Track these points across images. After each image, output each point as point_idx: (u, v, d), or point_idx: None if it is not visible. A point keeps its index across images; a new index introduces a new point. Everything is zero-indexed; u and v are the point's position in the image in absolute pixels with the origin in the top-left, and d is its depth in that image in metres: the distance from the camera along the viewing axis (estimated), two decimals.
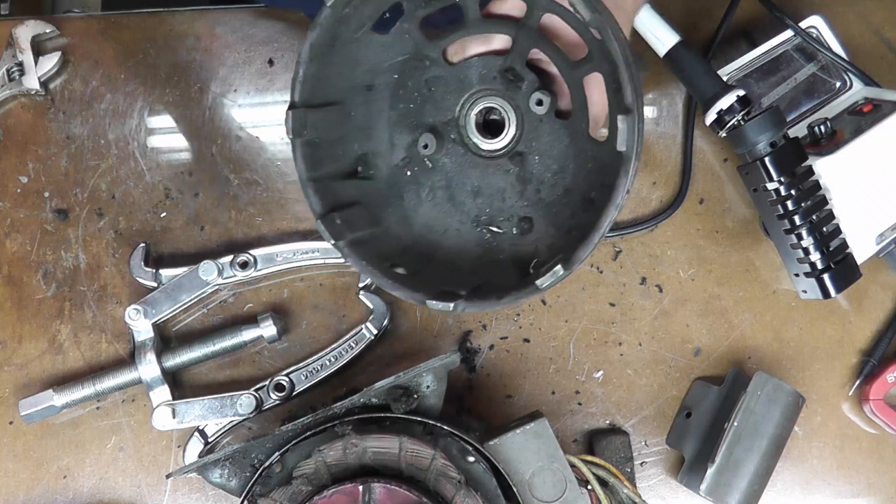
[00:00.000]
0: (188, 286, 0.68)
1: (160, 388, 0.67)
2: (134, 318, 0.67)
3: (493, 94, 0.63)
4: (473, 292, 0.58)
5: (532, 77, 0.61)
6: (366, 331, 0.68)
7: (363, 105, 0.64)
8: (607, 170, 0.58)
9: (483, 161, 0.65)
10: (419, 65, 0.64)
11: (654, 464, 0.69)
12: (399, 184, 0.66)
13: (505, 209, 0.65)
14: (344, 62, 0.62)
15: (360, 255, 0.60)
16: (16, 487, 0.68)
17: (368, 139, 0.65)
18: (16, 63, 0.74)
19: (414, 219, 0.66)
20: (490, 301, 0.57)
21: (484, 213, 0.65)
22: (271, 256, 0.69)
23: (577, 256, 0.54)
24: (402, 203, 0.66)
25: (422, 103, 0.65)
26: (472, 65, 0.63)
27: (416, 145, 0.64)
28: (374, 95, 0.65)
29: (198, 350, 0.68)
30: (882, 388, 0.68)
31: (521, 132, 0.63)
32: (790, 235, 0.63)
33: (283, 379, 0.67)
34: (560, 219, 0.63)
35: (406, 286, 0.58)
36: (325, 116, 0.61)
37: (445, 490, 0.54)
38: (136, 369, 0.67)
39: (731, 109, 0.63)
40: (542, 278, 0.54)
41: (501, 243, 0.65)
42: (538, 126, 0.63)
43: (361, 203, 0.63)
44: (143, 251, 0.69)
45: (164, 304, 0.68)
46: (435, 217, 0.66)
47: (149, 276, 0.69)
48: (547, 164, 0.63)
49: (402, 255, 0.63)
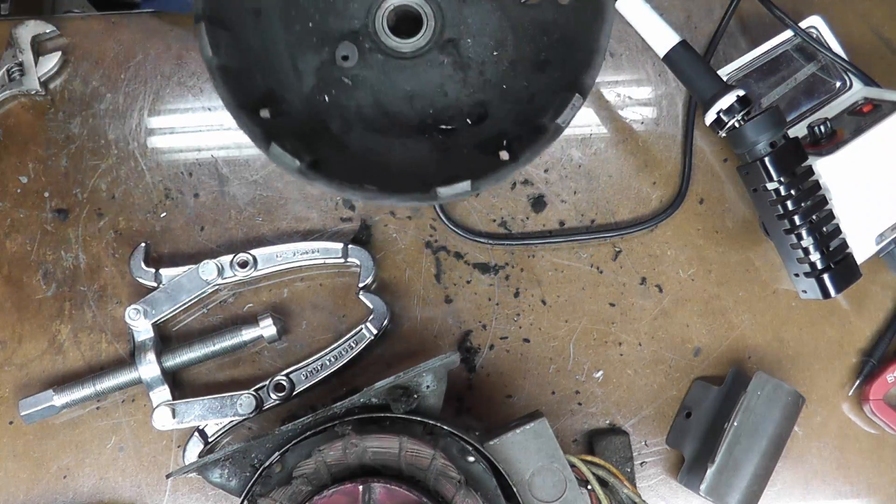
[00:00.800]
0: (188, 286, 0.68)
1: (160, 388, 0.67)
2: (134, 318, 0.67)
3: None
4: (472, 176, 0.51)
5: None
6: (366, 331, 0.68)
7: (255, 32, 0.57)
8: (552, 27, 0.56)
9: (409, 62, 0.59)
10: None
11: (654, 464, 0.70)
12: (319, 113, 0.59)
13: (450, 104, 0.60)
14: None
15: (326, 176, 0.52)
16: (16, 487, 0.68)
17: (269, 71, 0.58)
18: (16, 63, 0.74)
19: (349, 146, 0.59)
20: (506, 167, 0.50)
21: (427, 115, 0.60)
22: (271, 256, 0.69)
23: (586, 84, 0.50)
24: (329, 133, 0.59)
25: (322, 18, 0.59)
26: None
27: (326, 67, 0.58)
28: (264, 21, 0.58)
29: (198, 350, 0.68)
30: (882, 388, 0.68)
31: (442, 21, 0.58)
32: (790, 235, 0.63)
33: (283, 379, 0.67)
34: (515, 91, 0.59)
35: (394, 192, 0.52)
36: (227, 45, 0.54)
37: (445, 490, 0.54)
38: (136, 369, 0.67)
39: (731, 109, 0.63)
40: (561, 116, 0.50)
41: (459, 139, 0.60)
42: (462, 8, 0.58)
43: (292, 137, 0.56)
44: (144, 251, 0.69)
45: (164, 304, 0.68)
46: (372, 137, 0.59)
47: (149, 276, 0.69)
48: (483, 42, 0.59)
49: (360, 177, 0.55)
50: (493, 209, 0.73)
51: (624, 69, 0.76)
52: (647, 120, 0.75)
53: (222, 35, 0.53)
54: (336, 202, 0.72)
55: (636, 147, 0.75)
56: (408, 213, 0.72)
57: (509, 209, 0.73)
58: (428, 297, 0.71)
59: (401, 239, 0.72)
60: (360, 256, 0.69)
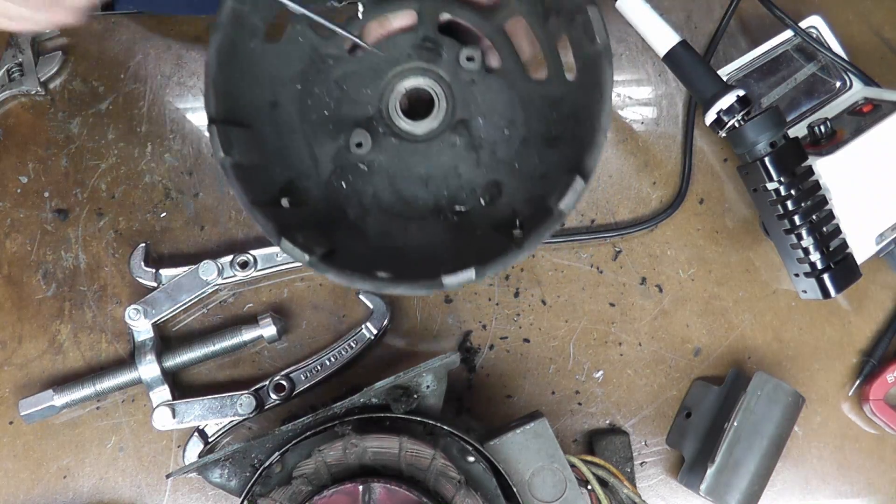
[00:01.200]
0: (188, 286, 0.68)
1: (160, 388, 0.67)
2: (134, 318, 0.67)
3: (412, 74, 0.59)
4: (482, 260, 0.51)
5: (449, 41, 0.58)
6: (366, 331, 0.68)
7: (272, 126, 0.58)
8: (561, 103, 0.56)
9: (423, 144, 0.59)
10: (322, 67, 0.59)
11: (654, 464, 0.70)
12: (337, 200, 0.59)
13: (464, 185, 0.59)
14: (244, 78, 0.56)
15: (338, 267, 0.53)
16: (16, 487, 0.68)
17: (287, 163, 0.59)
18: (16, 63, 0.74)
19: (366, 232, 0.59)
20: (511, 254, 0.50)
21: (442, 197, 0.60)
22: (271, 256, 0.69)
23: (588, 167, 0.50)
24: (346, 220, 0.59)
25: (336, 106, 0.60)
26: (382, 49, 0.58)
27: (342, 153, 0.59)
28: (281, 113, 0.59)
29: (198, 350, 0.68)
30: (882, 388, 0.68)
31: (453, 102, 0.59)
32: (790, 235, 0.63)
33: (283, 379, 0.67)
34: (528, 170, 0.58)
35: (403, 282, 0.52)
36: (243, 139, 0.55)
37: (445, 490, 0.54)
38: (136, 369, 0.67)
39: (731, 109, 0.63)
40: (564, 200, 0.49)
41: (473, 219, 0.59)
42: (472, 88, 0.59)
43: (308, 227, 0.57)
44: (144, 251, 0.69)
45: (164, 304, 0.68)
46: (388, 222, 0.59)
47: (149, 276, 0.69)
48: (494, 122, 0.59)
49: (375, 265, 0.55)
50: None
51: (624, 69, 0.76)
52: (647, 120, 0.75)
53: (236, 132, 0.54)
54: None
55: (636, 147, 0.75)
56: None
57: None
58: (428, 297, 0.71)
59: None
60: None
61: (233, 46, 0.54)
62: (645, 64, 0.76)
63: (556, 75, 0.56)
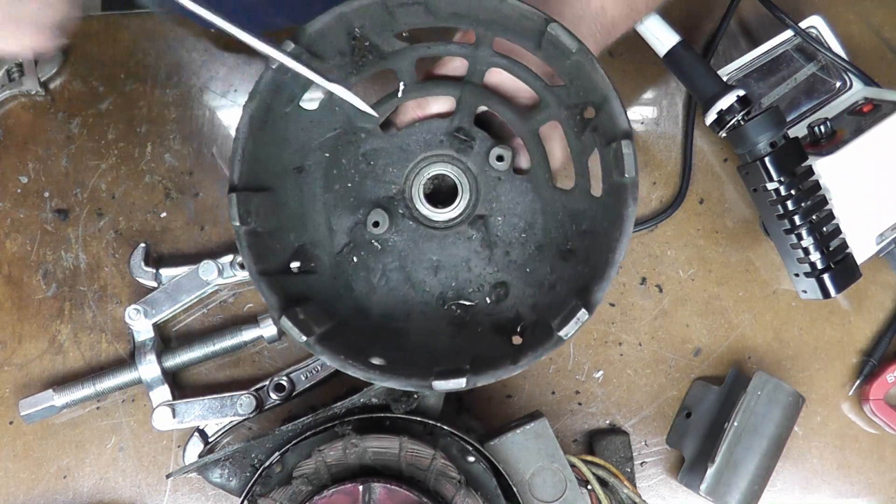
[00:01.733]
0: (188, 286, 0.68)
1: (160, 388, 0.67)
2: (134, 318, 0.67)
3: (441, 161, 0.59)
4: (474, 367, 0.51)
5: (483, 134, 0.58)
6: None
7: (294, 190, 0.58)
8: (581, 215, 0.56)
9: (439, 232, 0.59)
10: (353, 139, 0.59)
11: (654, 464, 0.69)
12: (346, 273, 0.59)
13: (473, 279, 0.59)
14: (274, 142, 0.56)
15: (334, 350, 0.52)
16: (16, 487, 0.68)
17: (303, 228, 0.59)
18: (16, 63, 0.74)
19: (369, 309, 0.59)
20: (504, 368, 0.50)
21: (449, 288, 0.59)
22: None
23: (595, 298, 0.50)
24: (352, 294, 0.59)
25: (360, 180, 0.59)
26: (415, 131, 0.59)
27: (358, 228, 0.59)
28: (306, 178, 0.59)
29: (198, 350, 0.68)
30: (882, 388, 0.68)
31: (476, 196, 0.59)
32: (790, 235, 0.63)
33: (283, 379, 0.67)
34: (538, 277, 0.58)
35: (394, 375, 0.51)
36: (263, 203, 0.55)
37: (445, 490, 0.54)
38: (136, 369, 0.67)
39: (731, 109, 0.63)
40: (565, 328, 0.49)
41: (476, 315, 0.59)
42: (496, 185, 0.59)
43: (312, 299, 0.57)
44: (144, 251, 0.69)
45: (164, 304, 0.68)
46: (393, 303, 0.59)
47: (149, 276, 0.69)
48: (513, 223, 0.59)
49: (373, 348, 0.55)
50: None
51: (624, 69, 0.76)
52: (647, 120, 0.75)
53: (257, 198, 0.54)
54: None
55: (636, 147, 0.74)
56: None
57: None
58: None
59: None
60: None
61: (267, 112, 0.54)
62: (645, 64, 0.76)
63: (581, 188, 0.55)
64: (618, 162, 0.51)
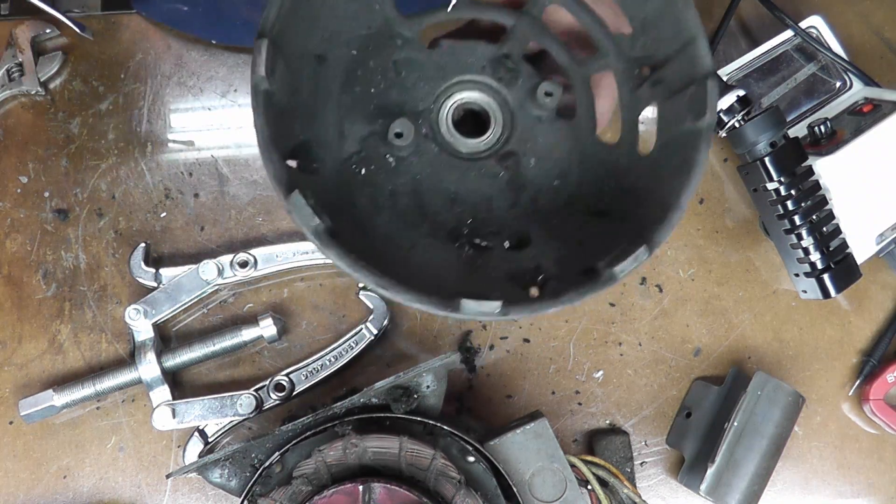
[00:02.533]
0: (188, 286, 0.68)
1: (160, 388, 0.67)
2: (134, 318, 0.67)
3: (476, 88, 0.54)
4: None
5: (530, 69, 0.53)
6: (366, 331, 0.68)
7: (310, 79, 0.52)
8: (624, 174, 0.52)
9: (462, 163, 0.54)
10: (388, 43, 0.54)
11: (654, 464, 0.70)
12: (349, 184, 0.54)
13: (493, 220, 0.54)
14: (304, 18, 0.49)
15: (344, 246, 0.45)
16: (16, 487, 0.68)
17: (311, 123, 0.53)
18: (16, 63, 0.74)
19: (370, 230, 0.53)
20: (540, 302, 0.45)
21: (465, 224, 0.54)
22: (271, 256, 0.69)
23: (657, 238, 0.45)
24: (352, 209, 0.53)
25: (386, 89, 0.54)
26: (457, 51, 0.54)
27: (372, 139, 0.53)
28: (325, 70, 0.53)
29: (198, 350, 0.68)
30: (882, 388, 0.68)
31: (509, 131, 0.54)
32: (790, 235, 0.63)
33: (283, 379, 0.67)
34: (565, 231, 0.53)
35: (414, 292, 0.45)
36: (282, 73, 0.48)
37: (445, 490, 0.54)
38: (136, 369, 0.67)
39: (731, 109, 0.63)
40: (621, 264, 0.44)
41: (490, 260, 0.54)
42: (535, 125, 0.54)
43: (312, 197, 0.49)
44: (144, 251, 0.69)
45: (164, 304, 0.68)
46: (398, 229, 0.53)
47: (149, 276, 0.69)
48: (546, 168, 0.54)
49: (376, 265, 0.47)
50: None
51: None
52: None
53: (279, 64, 0.48)
54: None
55: None
56: None
57: None
58: None
59: None
60: None
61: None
62: None
63: (628, 144, 0.52)
64: (697, 105, 0.46)
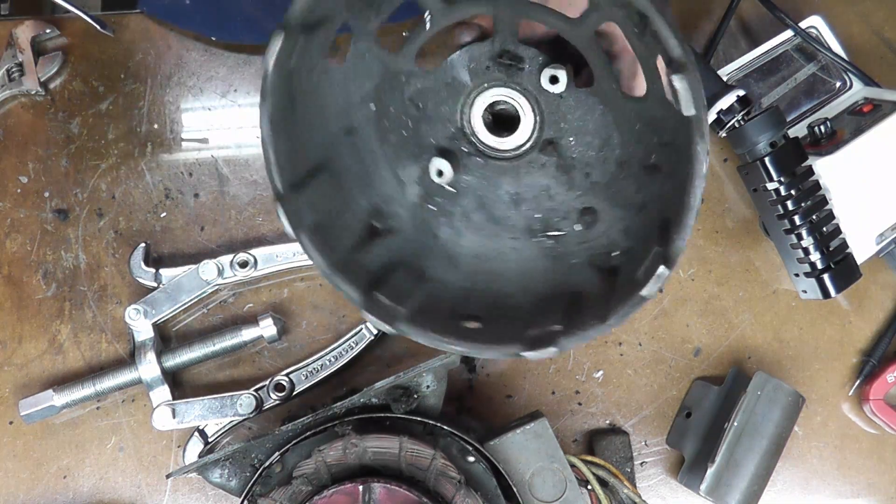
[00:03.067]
0: (188, 286, 0.68)
1: (160, 389, 0.67)
2: (134, 318, 0.67)
3: (494, 86, 0.53)
4: (567, 320, 0.48)
5: (532, 52, 0.52)
6: (366, 331, 0.68)
7: (351, 153, 0.55)
8: (660, 125, 0.50)
9: (510, 164, 0.55)
10: (395, 83, 0.55)
11: (654, 464, 0.69)
12: (427, 222, 0.56)
13: (557, 207, 0.56)
14: (310, 116, 0.52)
15: (424, 325, 0.48)
16: (16, 487, 0.68)
17: (371, 188, 0.55)
18: (16, 63, 0.74)
19: (459, 255, 0.56)
20: (593, 327, 0.47)
21: (534, 219, 0.56)
22: (271, 256, 0.69)
23: (675, 249, 0.45)
24: (438, 242, 0.56)
25: (415, 125, 0.56)
26: (456, 63, 0.53)
27: (427, 174, 0.55)
28: (359, 137, 0.55)
29: (198, 350, 0.68)
30: (882, 388, 0.68)
31: (541, 117, 0.53)
32: (790, 235, 0.63)
33: (283, 379, 0.67)
34: (625, 197, 0.53)
35: (487, 342, 0.48)
36: (317, 188, 0.51)
37: (445, 490, 0.54)
38: (136, 369, 0.67)
39: (731, 109, 0.63)
40: (646, 287, 0.45)
41: (568, 246, 0.55)
42: (560, 104, 0.53)
43: (398, 263, 0.54)
44: (144, 251, 0.69)
45: (164, 305, 0.68)
46: (481, 244, 0.56)
47: (149, 276, 0.69)
48: (586, 141, 0.54)
49: (467, 303, 0.52)
50: None
51: None
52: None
53: (307, 190, 0.50)
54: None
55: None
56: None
57: None
58: None
59: None
60: None
61: (289, 99, 0.49)
62: None
63: (655, 94, 0.50)
64: (674, 95, 0.43)
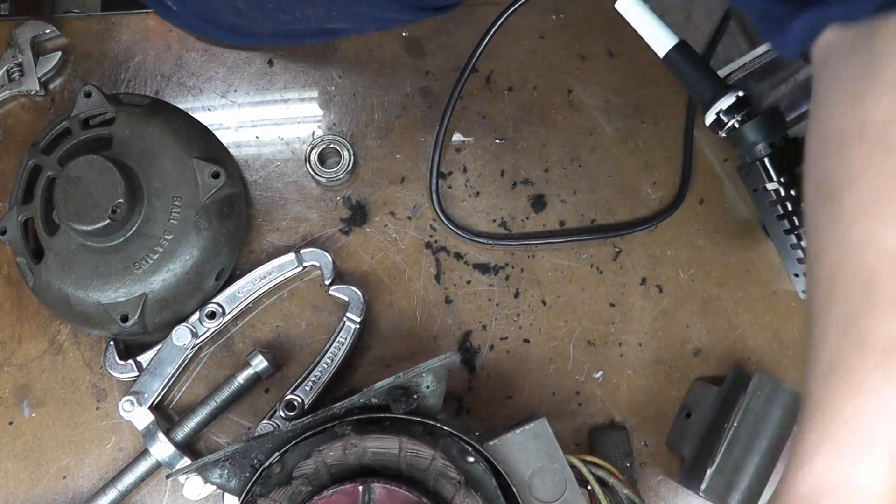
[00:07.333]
0: (169, 358, 0.67)
1: (181, 462, 0.65)
2: (129, 410, 0.65)
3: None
4: None
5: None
6: (349, 322, 0.67)
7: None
8: None
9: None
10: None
11: (654, 464, 0.69)
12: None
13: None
14: None
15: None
16: (16, 487, 0.68)
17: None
18: (16, 63, 0.74)
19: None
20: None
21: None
22: (234, 296, 0.67)
23: None
24: None
25: None
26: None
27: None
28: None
29: (202, 413, 0.66)
30: None
31: None
32: (790, 235, 0.63)
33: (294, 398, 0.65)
34: None
35: None
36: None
37: (445, 490, 0.54)
38: (151, 455, 0.65)
39: (731, 110, 0.63)
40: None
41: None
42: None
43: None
44: (114, 349, 0.67)
45: (153, 384, 0.66)
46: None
47: (128, 368, 0.67)
48: None
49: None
50: (493, 209, 0.73)
51: (624, 69, 0.76)
52: (647, 120, 0.75)
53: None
54: (336, 202, 0.72)
55: (636, 147, 0.75)
56: (408, 213, 0.72)
57: (509, 209, 0.73)
58: (428, 298, 0.71)
59: (401, 239, 0.72)
60: (314, 258, 0.68)
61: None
62: (645, 64, 0.76)
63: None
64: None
